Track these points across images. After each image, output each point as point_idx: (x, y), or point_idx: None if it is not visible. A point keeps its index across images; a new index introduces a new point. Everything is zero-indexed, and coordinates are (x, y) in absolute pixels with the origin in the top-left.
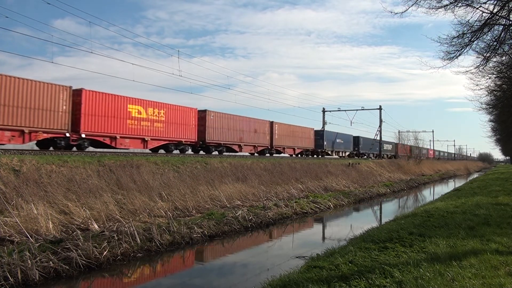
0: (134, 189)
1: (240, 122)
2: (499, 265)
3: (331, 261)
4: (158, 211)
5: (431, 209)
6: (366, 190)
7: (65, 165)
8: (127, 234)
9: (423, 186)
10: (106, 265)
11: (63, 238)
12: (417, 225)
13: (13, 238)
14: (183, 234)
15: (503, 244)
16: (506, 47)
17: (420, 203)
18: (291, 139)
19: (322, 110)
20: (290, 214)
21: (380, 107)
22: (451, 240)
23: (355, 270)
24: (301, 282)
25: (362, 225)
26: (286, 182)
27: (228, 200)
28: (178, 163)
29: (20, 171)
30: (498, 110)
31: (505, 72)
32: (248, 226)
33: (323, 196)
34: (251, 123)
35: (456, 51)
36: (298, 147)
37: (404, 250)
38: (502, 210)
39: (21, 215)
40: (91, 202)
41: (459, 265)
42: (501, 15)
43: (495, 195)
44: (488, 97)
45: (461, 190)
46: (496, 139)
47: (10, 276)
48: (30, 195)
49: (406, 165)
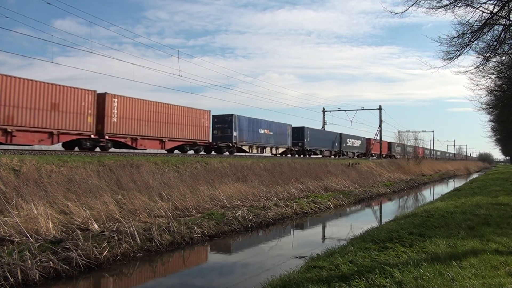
0: (134, 189)
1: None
2: (499, 265)
3: (331, 261)
4: (158, 211)
5: (431, 209)
6: (366, 190)
7: (65, 165)
8: (127, 234)
9: (423, 186)
10: (106, 265)
11: (63, 238)
12: (417, 225)
13: (13, 238)
14: (183, 234)
15: (503, 244)
16: (506, 47)
17: (420, 203)
18: (154, 126)
19: (322, 110)
20: (290, 214)
21: (380, 107)
22: (451, 240)
23: (355, 270)
24: (301, 282)
25: (362, 225)
26: (286, 182)
27: (228, 200)
28: (178, 163)
29: (20, 171)
30: (498, 110)
31: (505, 72)
32: (248, 226)
33: (323, 196)
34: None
35: (456, 51)
36: (175, 138)
37: (404, 250)
38: (502, 210)
39: (21, 215)
40: (91, 202)
41: (459, 265)
42: (501, 15)
43: (495, 195)
44: (488, 97)
45: (461, 190)
46: (496, 139)
47: (10, 276)
48: (30, 195)
49: (406, 165)
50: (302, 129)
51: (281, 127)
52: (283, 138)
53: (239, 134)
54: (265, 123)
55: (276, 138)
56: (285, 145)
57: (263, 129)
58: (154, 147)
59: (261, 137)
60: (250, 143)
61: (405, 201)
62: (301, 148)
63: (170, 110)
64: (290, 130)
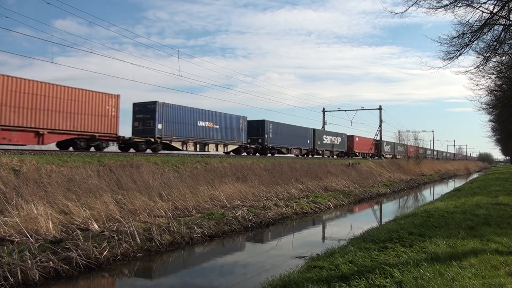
0: (134, 189)
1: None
2: (499, 265)
3: (331, 261)
4: (158, 211)
5: (431, 209)
6: (366, 190)
7: (65, 165)
8: (127, 234)
9: (423, 186)
10: (106, 265)
11: (63, 238)
12: (417, 225)
13: (13, 238)
14: (183, 234)
15: (503, 244)
16: (506, 47)
17: (420, 203)
18: (25, 112)
19: (322, 110)
20: (290, 214)
21: (380, 107)
22: (451, 240)
23: (355, 270)
24: (301, 282)
25: (362, 225)
26: (286, 182)
27: (228, 200)
28: (178, 163)
29: (20, 171)
30: (498, 110)
31: (505, 72)
32: (248, 226)
33: (323, 196)
34: None
35: (456, 51)
36: (61, 130)
37: (404, 250)
38: (502, 210)
39: (21, 215)
40: (91, 202)
41: (459, 265)
42: (501, 15)
43: (495, 195)
44: (488, 97)
45: (461, 190)
46: (496, 139)
47: (10, 276)
48: (30, 195)
49: (406, 165)
50: (262, 122)
51: (232, 120)
52: (234, 133)
53: (166, 127)
54: (207, 114)
55: (224, 133)
56: (237, 141)
57: (204, 122)
58: (27, 141)
59: (201, 132)
60: (183, 138)
61: (405, 201)
62: (261, 146)
63: (52, 91)
64: (244, 124)
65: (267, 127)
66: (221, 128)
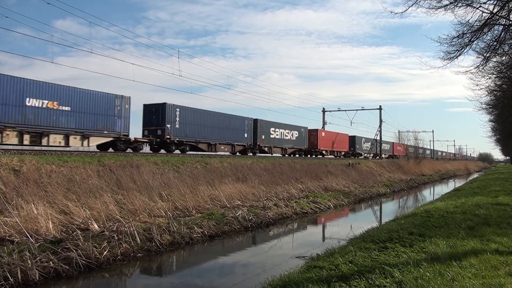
0: (134, 189)
1: None
2: (499, 265)
3: (331, 261)
4: (158, 211)
5: (431, 209)
6: (366, 190)
7: (65, 165)
8: (127, 234)
9: (423, 186)
10: (106, 265)
11: (63, 238)
12: (417, 225)
13: (13, 238)
14: (183, 234)
15: (503, 244)
16: (506, 47)
17: (420, 203)
18: None
19: (322, 110)
20: (290, 214)
21: (380, 107)
22: (451, 240)
23: (355, 270)
24: (301, 282)
25: (362, 225)
26: (286, 182)
27: (228, 200)
28: (178, 163)
29: (20, 171)
30: (498, 110)
31: (505, 72)
32: (248, 226)
33: (323, 196)
34: None
35: (456, 51)
36: None
37: (404, 250)
38: (502, 210)
39: (21, 215)
40: (91, 202)
41: (459, 265)
42: (501, 15)
43: (495, 195)
44: (488, 97)
45: (461, 190)
46: (496, 139)
47: (10, 276)
48: (30, 195)
49: (406, 165)
50: (162, 107)
51: (99, 99)
52: (104, 120)
53: None
54: (43, 87)
55: (85, 120)
56: (112, 131)
57: (36, 100)
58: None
59: (32, 116)
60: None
61: (405, 201)
62: (160, 139)
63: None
64: (124, 107)
65: (171, 113)
66: (78, 113)
